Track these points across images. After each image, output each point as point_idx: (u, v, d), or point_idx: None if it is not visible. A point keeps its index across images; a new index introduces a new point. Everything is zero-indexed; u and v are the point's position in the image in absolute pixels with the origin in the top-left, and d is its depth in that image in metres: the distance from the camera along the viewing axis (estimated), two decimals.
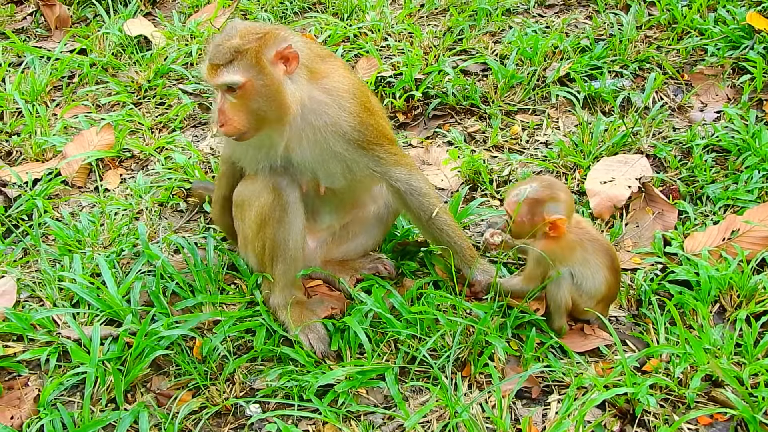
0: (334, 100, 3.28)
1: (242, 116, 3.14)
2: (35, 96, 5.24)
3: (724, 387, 3.15)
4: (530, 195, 3.30)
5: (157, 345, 3.33)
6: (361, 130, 3.34)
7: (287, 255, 3.50)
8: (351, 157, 3.39)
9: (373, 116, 3.40)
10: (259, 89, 3.10)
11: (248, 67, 3.07)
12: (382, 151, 3.44)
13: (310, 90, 3.24)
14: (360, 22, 5.82)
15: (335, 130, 3.30)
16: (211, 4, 6.18)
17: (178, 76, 5.47)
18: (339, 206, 3.75)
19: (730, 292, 3.58)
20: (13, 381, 3.37)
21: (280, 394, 3.24)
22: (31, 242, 4.04)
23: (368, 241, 3.88)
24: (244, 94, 3.10)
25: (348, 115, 3.30)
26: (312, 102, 3.24)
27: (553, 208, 3.27)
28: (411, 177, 3.55)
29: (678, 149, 4.53)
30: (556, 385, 3.27)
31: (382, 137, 3.44)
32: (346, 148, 3.35)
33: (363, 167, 3.45)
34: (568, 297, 3.36)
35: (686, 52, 5.31)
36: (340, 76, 3.34)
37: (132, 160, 4.79)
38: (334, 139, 3.31)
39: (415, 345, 3.35)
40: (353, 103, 3.31)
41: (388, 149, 3.46)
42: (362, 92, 3.39)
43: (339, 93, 3.30)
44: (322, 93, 3.27)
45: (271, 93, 3.12)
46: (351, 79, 3.38)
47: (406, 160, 3.55)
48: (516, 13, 5.92)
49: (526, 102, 5.00)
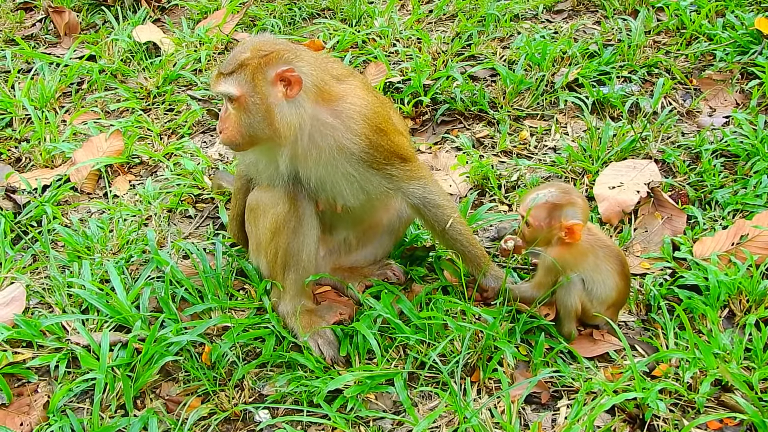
0: (343, 123, 3.23)
1: (237, 127, 3.17)
2: (44, 102, 5.26)
3: (734, 392, 3.14)
4: (549, 199, 3.29)
5: (167, 351, 3.34)
6: (370, 151, 3.30)
7: (299, 265, 3.51)
8: (362, 177, 3.36)
9: (386, 137, 3.34)
10: (251, 106, 3.12)
11: (245, 82, 3.09)
12: (393, 170, 3.40)
13: (316, 113, 3.19)
14: (368, 27, 5.83)
15: (343, 152, 3.26)
16: (219, 11, 6.20)
17: (187, 82, 5.48)
18: (356, 222, 3.75)
19: (740, 296, 3.57)
20: (22, 387, 3.38)
21: (290, 400, 3.24)
22: (40, 248, 4.06)
23: (378, 250, 3.87)
24: (239, 106, 3.13)
25: (356, 138, 3.25)
26: (318, 124, 3.20)
27: (571, 214, 3.26)
28: (425, 190, 3.52)
29: (687, 154, 4.53)
30: (565, 390, 3.26)
31: (394, 157, 3.39)
32: (356, 168, 3.32)
33: (376, 185, 3.42)
34: (578, 303, 3.35)
35: (695, 57, 5.31)
36: (354, 97, 3.28)
37: (141, 167, 4.81)
38: (342, 160, 3.28)
39: (424, 350, 3.35)
40: (363, 125, 3.26)
41: (401, 166, 3.43)
42: (376, 113, 3.32)
43: (350, 115, 3.24)
44: (330, 116, 3.22)
45: (261, 112, 3.12)
46: (365, 100, 3.31)
47: (420, 173, 3.51)
48: (524, 19, 5.92)
49: (535, 107, 5.00)
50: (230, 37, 5.85)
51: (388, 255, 3.91)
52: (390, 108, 3.61)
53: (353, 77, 3.41)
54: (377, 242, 3.86)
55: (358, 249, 3.85)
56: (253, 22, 6.13)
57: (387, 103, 3.63)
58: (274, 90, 3.11)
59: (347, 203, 3.48)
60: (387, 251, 3.91)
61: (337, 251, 3.84)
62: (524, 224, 3.34)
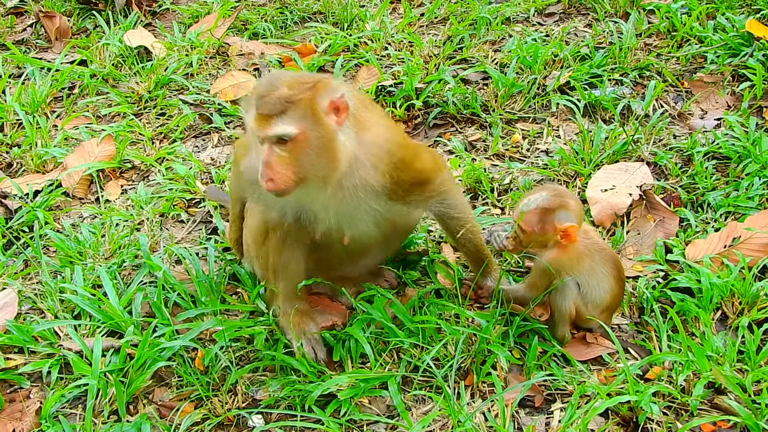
0: (368, 158, 3.09)
1: (293, 170, 2.92)
2: (36, 107, 5.24)
3: (727, 394, 3.15)
4: (540, 204, 3.29)
5: (159, 356, 3.33)
6: (393, 188, 3.18)
7: (289, 273, 3.49)
8: (384, 210, 3.26)
9: (408, 168, 3.21)
10: (313, 141, 2.90)
11: (302, 118, 2.87)
12: (414, 196, 3.32)
13: (355, 147, 3.03)
14: (360, 31, 5.83)
15: (366, 190, 3.14)
16: (211, 15, 6.19)
17: (179, 86, 5.47)
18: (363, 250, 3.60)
19: (732, 299, 3.57)
20: (14, 393, 3.37)
21: (283, 405, 3.23)
22: (32, 254, 4.04)
23: (371, 261, 3.78)
24: (295, 146, 2.89)
25: (380, 177, 3.13)
26: (356, 159, 3.05)
27: (564, 216, 3.25)
28: (442, 205, 3.49)
29: (678, 157, 4.54)
30: (559, 393, 3.27)
31: (415, 185, 3.28)
32: (378, 203, 3.21)
33: (396, 212, 3.35)
34: (573, 306, 3.36)
35: (686, 60, 5.32)
36: (381, 127, 3.16)
37: (133, 171, 4.80)
38: (365, 197, 3.16)
39: (417, 354, 3.35)
40: (387, 162, 3.13)
41: (421, 190, 3.34)
42: (399, 145, 3.19)
43: (373, 151, 3.10)
44: (362, 150, 3.06)
45: (325, 145, 2.92)
46: (390, 131, 3.21)
47: (441, 188, 3.42)
48: (516, 22, 5.93)
49: (527, 110, 5.01)
50: (222, 42, 5.84)
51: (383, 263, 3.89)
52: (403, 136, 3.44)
53: (374, 105, 3.26)
54: (372, 256, 3.77)
55: (351, 262, 3.80)
56: (244, 26, 6.12)
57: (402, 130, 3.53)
58: (330, 119, 2.93)
59: (356, 237, 3.38)
60: (380, 262, 3.85)
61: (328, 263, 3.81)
62: (518, 230, 3.34)
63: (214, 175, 4.60)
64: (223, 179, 4.56)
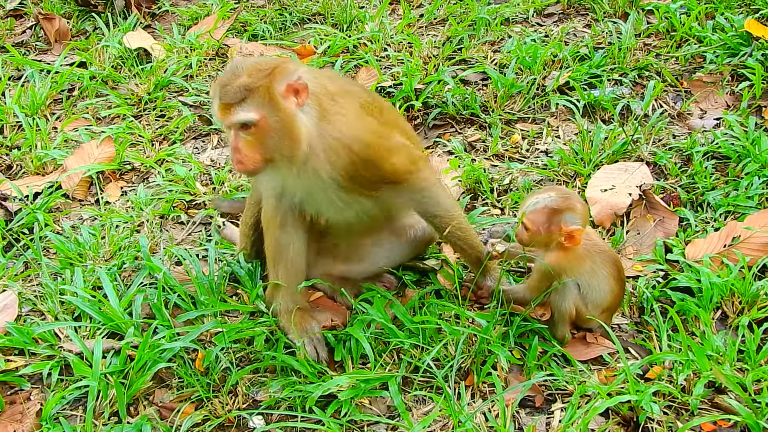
0: (324, 150, 3.16)
1: (258, 153, 3.07)
2: (35, 109, 5.24)
3: (728, 393, 3.15)
4: (549, 204, 3.28)
5: (160, 358, 3.33)
6: (346, 184, 3.24)
7: (287, 259, 3.52)
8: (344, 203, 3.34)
9: (372, 167, 3.25)
10: (274, 125, 3.03)
11: (261, 104, 3.00)
12: (381, 193, 3.36)
13: (314, 130, 3.12)
14: (359, 32, 5.83)
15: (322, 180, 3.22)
16: (210, 17, 6.19)
17: (178, 88, 5.48)
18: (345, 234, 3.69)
19: (732, 298, 3.58)
20: (15, 395, 3.37)
21: (283, 406, 3.23)
22: (32, 256, 4.05)
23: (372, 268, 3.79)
24: (258, 131, 3.03)
25: (334, 171, 3.19)
26: (310, 146, 3.13)
27: (571, 219, 3.25)
28: (420, 202, 3.49)
29: (678, 156, 4.54)
30: (559, 393, 3.27)
31: (381, 183, 3.32)
32: (338, 194, 3.29)
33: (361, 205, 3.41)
34: (573, 307, 3.35)
35: (685, 60, 5.33)
36: (343, 125, 3.19)
37: (133, 173, 4.80)
38: (325, 185, 3.24)
39: (418, 355, 3.35)
40: (346, 159, 3.18)
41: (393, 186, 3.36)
42: (365, 143, 3.21)
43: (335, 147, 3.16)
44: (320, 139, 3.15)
45: (286, 127, 3.04)
46: (356, 127, 3.22)
47: (419, 185, 3.44)
48: (515, 23, 5.94)
49: (526, 111, 5.01)
50: (221, 43, 5.85)
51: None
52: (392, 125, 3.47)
53: (346, 97, 3.28)
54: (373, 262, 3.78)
55: (353, 261, 3.79)
56: (243, 28, 6.12)
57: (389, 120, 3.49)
58: (288, 102, 3.05)
59: (332, 219, 3.50)
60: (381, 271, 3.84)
61: (330, 255, 3.83)
62: (522, 228, 3.33)
63: (213, 176, 4.60)
64: (222, 180, 4.57)
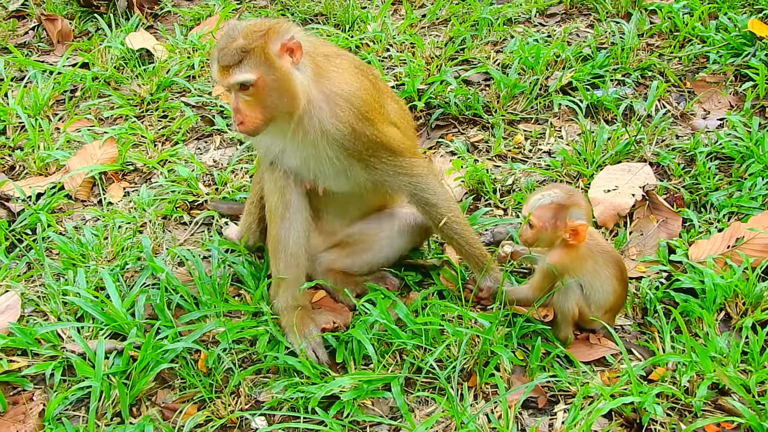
0: (328, 105, 3.27)
1: (258, 112, 3.19)
2: (38, 110, 5.25)
3: (731, 395, 3.15)
4: (554, 200, 3.28)
5: (162, 358, 3.33)
6: (352, 140, 3.32)
7: (288, 252, 3.56)
8: (343, 165, 3.40)
9: (372, 126, 3.35)
10: (271, 83, 3.14)
11: (257, 64, 3.11)
12: (378, 162, 3.42)
13: (312, 85, 3.25)
14: (362, 33, 5.83)
15: (326, 136, 3.30)
16: (212, 17, 6.19)
17: (181, 88, 5.48)
18: (342, 210, 3.78)
19: (736, 299, 3.57)
20: (17, 396, 3.37)
21: (286, 406, 3.23)
22: (34, 256, 4.05)
23: (374, 259, 3.82)
24: (257, 90, 3.14)
25: (340, 123, 3.28)
26: (311, 100, 3.25)
27: (576, 214, 3.25)
28: (416, 188, 3.53)
29: (681, 157, 4.53)
30: (562, 394, 3.26)
31: (380, 149, 3.40)
32: (337, 155, 3.36)
33: (356, 175, 3.46)
34: (576, 308, 3.35)
35: (688, 60, 5.32)
36: (341, 81, 3.31)
37: (135, 174, 4.80)
38: (325, 143, 3.32)
39: (420, 356, 3.34)
40: (348, 112, 3.29)
41: (388, 160, 3.44)
42: (363, 100, 3.33)
43: (335, 100, 3.27)
44: (320, 93, 3.26)
45: (283, 85, 3.16)
46: (353, 84, 3.33)
47: (414, 170, 3.51)
48: (517, 23, 5.93)
49: (529, 111, 5.00)
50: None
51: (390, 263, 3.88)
52: (385, 96, 3.59)
53: (340, 57, 3.42)
54: (376, 251, 3.80)
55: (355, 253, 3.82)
56: None
57: (382, 90, 3.61)
58: (284, 61, 3.16)
59: (331, 187, 3.56)
60: (385, 263, 3.85)
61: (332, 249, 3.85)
62: (527, 227, 3.33)
63: (216, 177, 4.60)
64: (225, 181, 4.56)
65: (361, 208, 3.81)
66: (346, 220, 3.84)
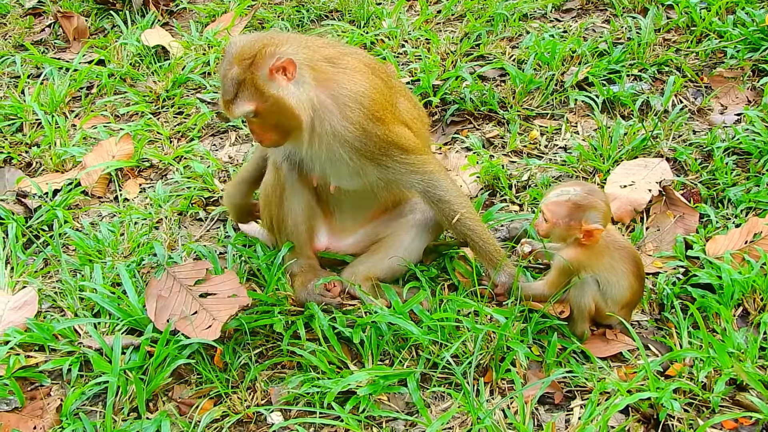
0: (338, 108, 3.30)
1: (270, 132, 3.32)
2: (54, 107, 5.28)
3: (749, 391, 3.13)
4: (573, 199, 3.26)
5: (179, 354, 3.34)
6: (364, 140, 3.35)
7: (288, 231, 3.71)
8: (356, 164, 3.43)
9: (383, 126, 3.37)
10: (269, 108, 3.22)
11: (251, 96, 3.19)
12: (390, 161, 3.44)
13: (317, 93, 3.27)
14: (377, 29, 5.83)
15: (338, 139, 3.34)
16: (227, 14, 6.21)
17: (196, 85, 5.49)
18: (355, 208, 3.82)
19: (754, 295, 3.54)
20: (35, 391, 3.39)
21: (302, 402, 3.23)
22: (51, 252, 4.07)
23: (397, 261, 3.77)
24: (261, 116, 3.25)
25: (350, 125, 3.31)
26: (319, 106, 3.28)
27: (593, 217, 3.23)
28: (428, 185, 3.54)
29: (698, 152, 4.51)
30: (578, 390, 3.25)
31: (392, 147, 3.42)
32: (350, 156, 3.39)
33: (369, 174, 3.49)
34: (593, 303, 3.33)
35: (705, 55, 5.28)
36: (350, 82, 3.33)
37: (151, 170, 4.82)
38: (337, 145, 3.36)
39: (436, 351, 3.34)
40: (358, 113, 3.31)
41: (399, 158, 3.45)
42: (373, 100, 3.34)
43: (344, 101, 3.30)
44: (327, 98, 3.29)
45: (279, 108, 3.22)
46: (361, 85, 3.34)
47: (425, 167, 3.52)
48: (533, 18, 5.91)
49: (545, 107, 4.99)
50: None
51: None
52: (398, 94, 3.60)
53: (347, 58, 3.42)
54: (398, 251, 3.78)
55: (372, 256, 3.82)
56: (261, 25, 6.13)
57: (395, 87, 3.62)
58: (275, 83, 3.19)
59: (343, 185, 3.62)
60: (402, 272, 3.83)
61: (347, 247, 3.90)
62: (542, 218, 3.32)
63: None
64: None
65: (372, 205, 3.83)
66: (359, 219, 3.87)
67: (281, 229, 3.73)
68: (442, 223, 3.72)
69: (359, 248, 3.89)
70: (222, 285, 3.61)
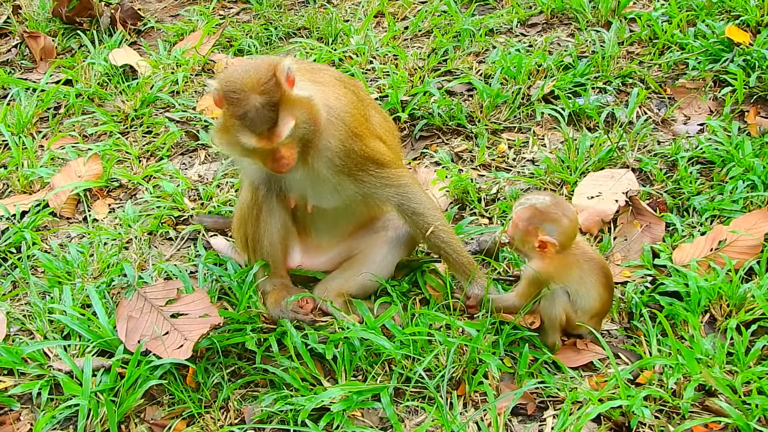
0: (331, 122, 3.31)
1: (293, 150, 3.23)
2: (21, 128, 5.23)
3: (718, 396, 3.17)
4: (536, 205, 3.31)
5: (151, 375, 3.32)
6: (343, 158, 3.37)
7: (263, 251, 3.68)
8: (335, 182, 3.44)
9: (361, 142, 3.39)
10: (302, 117, 3.17)
11: (287, 110, 3.11)
12: (366, 176, 3.46)
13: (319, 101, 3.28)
14: (345, 46, 5.85)
15: (319, 155, 3.35)
16: (195, 32, 6.20)
17: (165, 104, 5.48)
18: (330, 225, 3.81)
19: (720, 301, 3.60)
20: (4, 416, 3.35)
21: (276, 420, 3.22)
22: (20, 275, 4.03)
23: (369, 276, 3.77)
24: (294, 130, 3.17)
25: (333, 143, 3.33)
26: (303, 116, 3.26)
27: (549, 229, 3.27)
28: (402, 198, 3.56)
29: (663, 162, 4.57)
30: (551, 400, 3.27)
31: (368, 162, 3.45)
32: (331, 173, 3.40)
33: (347, 189, 3.50)
34: (563, 314, 3.36)
35: (668, 67, 5.37)
36: (333, 98, 3.35)
37: (120, 190, 4.79)
38: (318, 161, 3.36)
39: (409, 365, 3.35)
40: (341, 130, 3.33)
41: (375, 172, 3.47)
42: (352, 115, 3.38)
43: (329, 118, 3.31)
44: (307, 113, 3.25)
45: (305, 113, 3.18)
46: (343, 101, 3.37)
47: (399, 181, 3.55)
48: (499, 33, 5.97)
49: (512, 120, 5.03)
50: (207, 59, 5.85)
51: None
52: (369, 107, 3.63)
53: (322, 72, 3.45)
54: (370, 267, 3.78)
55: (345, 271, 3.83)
56: (229, 43, 6.13)
57: (365, 101, 3.65)
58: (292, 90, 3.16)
59: (319, 204, 3.61)
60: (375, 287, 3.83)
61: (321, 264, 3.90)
62: (512, 225, 3.36)
63: (201, 191, 4.60)
64: (210, 196, 4.57)
65: (348, 222, 3.83)
66: (335, 236, 3.87)
67: (256, 248, 3.70)
68: (416, 236, 3.73)
69: (332, 265, 3.89)
70: (193, 304, 3.59)
